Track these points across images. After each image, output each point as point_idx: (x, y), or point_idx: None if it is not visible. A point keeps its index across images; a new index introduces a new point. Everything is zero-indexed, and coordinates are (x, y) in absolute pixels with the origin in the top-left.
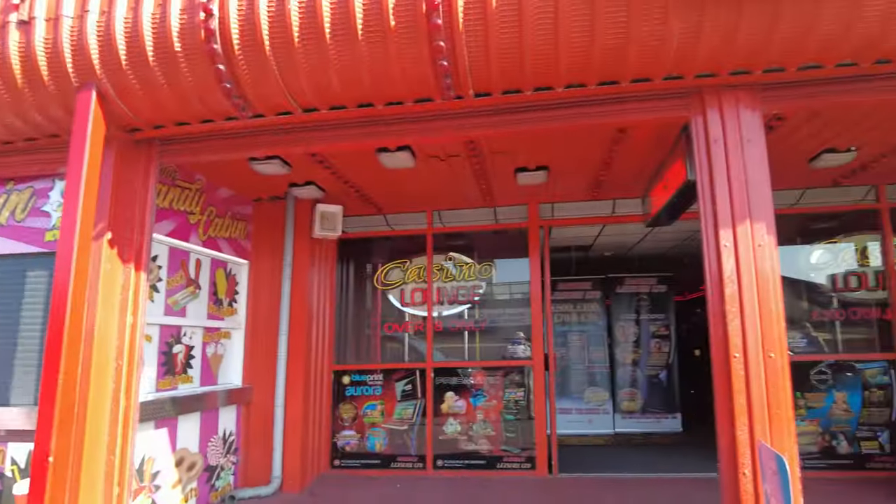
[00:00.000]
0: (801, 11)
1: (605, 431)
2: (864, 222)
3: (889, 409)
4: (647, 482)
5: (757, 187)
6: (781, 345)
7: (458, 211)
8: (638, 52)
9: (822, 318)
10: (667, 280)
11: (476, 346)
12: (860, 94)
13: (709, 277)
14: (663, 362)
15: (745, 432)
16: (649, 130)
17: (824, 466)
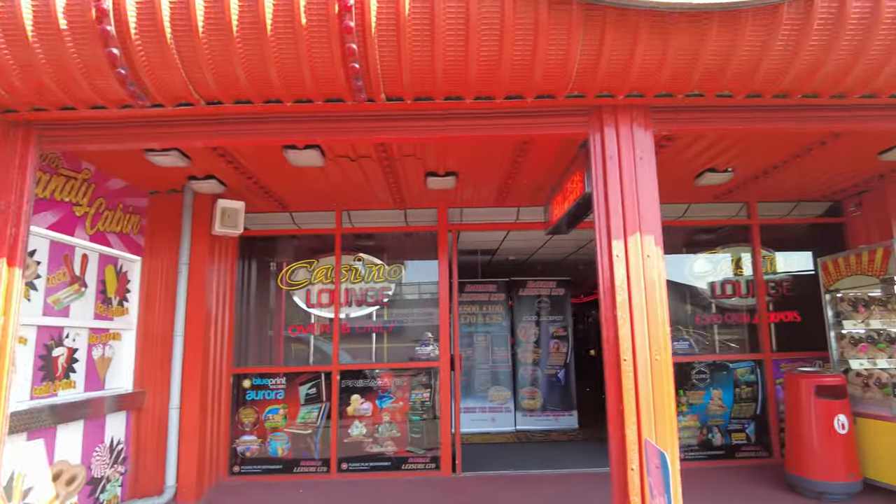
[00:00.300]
0: (687, 45)
1: (508, 429)
2: (738, 236)
3: (755, 403)
4: (546, 478)
5: (647, 202)
6: (666, 348)
7: (369, 211)
8: (543, 70)
9: (703, 322)
10: (565, 283)
11: (384, 348)
12: (735, 122)
13: (602, 285)
14: (562, 362)
15: (633, 430)
16: (552, 144)
17: (703, 457)
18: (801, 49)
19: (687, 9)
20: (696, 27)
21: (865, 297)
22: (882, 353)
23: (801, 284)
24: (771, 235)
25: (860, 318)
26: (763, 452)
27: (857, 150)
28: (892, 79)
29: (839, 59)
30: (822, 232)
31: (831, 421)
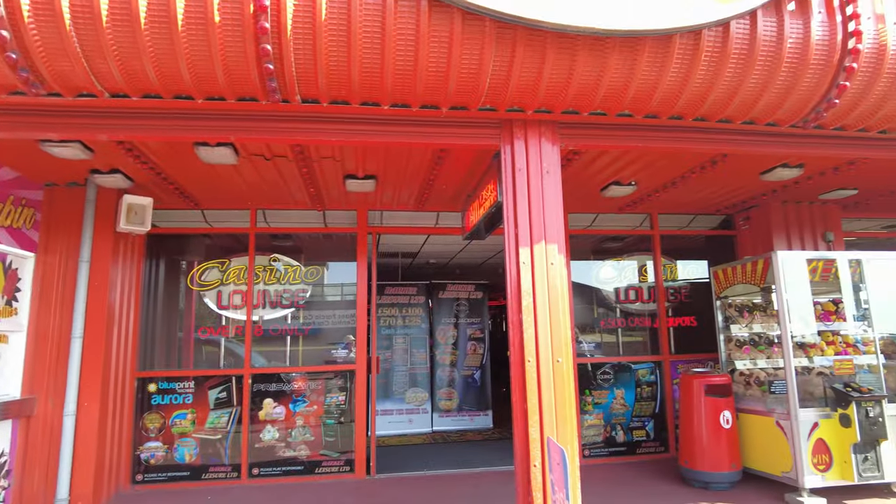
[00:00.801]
0: (591, 67)
1: (424, 430)
2: (642, 245)
3: (654, 402)
4: (460, 477)
5: (552, 213)
6: (568, 351)
7: (286, 211)
8: (457, 82)
9: (608, 325)
10: (483, 287)
11: (299, 351)
12: (635, 140)
13: (510, 290)
14: (478, 363)
15: (536, 429)
16: (468, 153)
17: (607, 454)
18: (691, 77)
19: (591, 33)
20: (600, 50)
21: (749, 304)
22: (761, 354)
23: (696, 291)
24: (671, 245)
25: (745, 322)
26: (661, 448)
27: (743, 170)
28: (767, 109)
29: (724, 89)
30: (716, 243)
31: (718, 417)
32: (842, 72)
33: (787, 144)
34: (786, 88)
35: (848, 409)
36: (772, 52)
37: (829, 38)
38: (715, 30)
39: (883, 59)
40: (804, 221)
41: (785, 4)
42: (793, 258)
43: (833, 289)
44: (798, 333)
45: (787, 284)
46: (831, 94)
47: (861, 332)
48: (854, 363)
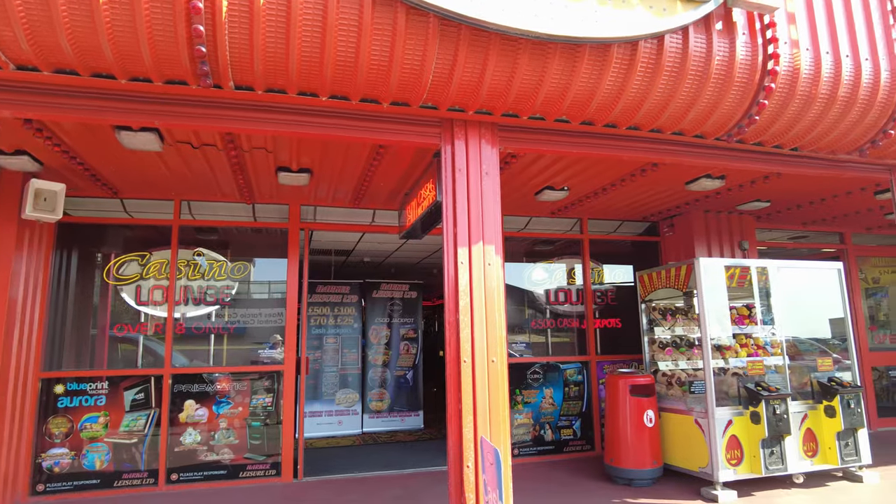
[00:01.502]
0: (532, 71)
1: (354, 432)
2: (572, 248)
3: (581, 401)
4: (390, 479)
5: (490, 214)
6: (502, 351)
7: (213, 203)
8: (399, 77)
9: (538, 325)
10: (417, 287)
11: (223, 350)
12: (571, 146)
13: (447, 290)
14: (411, 363)
15: (470, 429)
16: (408, 150)
17: (535, 453)
18: (627, 87)
19: (533, 37)
20: (541, 55)
21: (672, 307)
22: (682, 355)
23: (622, 294)
24: (599, 249)
25: (667, 325)
26: (587, 446)
27: (670, 179)
28: (695, 121)
29: (657, 100)
30: (641, 248)
31: (641, 416)
32: (762, 91)
33: (712, 156)
34: (713, 103)
35: (758, 408)
36: (701, 68)
37: (752, 59)
38: (651, 42)
39: (796, 82)
40: (723, 230)
41: (713, 24)
42: (712, 265)
43: (747, 294)
44: (716, 336)
45: (707, 290)
46: (752, 111)
47: (770, 334)
48: (764, 364)
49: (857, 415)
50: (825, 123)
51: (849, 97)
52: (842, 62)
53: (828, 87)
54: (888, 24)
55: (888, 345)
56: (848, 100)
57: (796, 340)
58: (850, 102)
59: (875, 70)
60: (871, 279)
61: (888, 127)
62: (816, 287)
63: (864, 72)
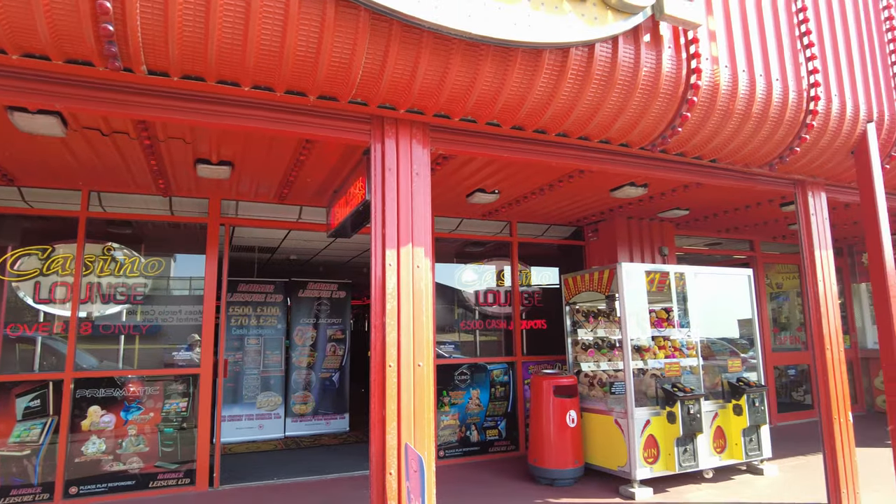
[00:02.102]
0: (464, 72)
1: (276, 436)
2: (501, 251)
3: (507, 402)
4: (312, 485)
5: (420, 216)
6: (429, 356)
7: (125, 195)
8: (327, 70)
9: (467, 326)
10: (346, 286)
11: (134, 351)
12: (502, 150)
13: (374, 292)
14: (337, 365)
15: (394, 436)
16: (337, 146)
17: (461, 454)
18: (557, 93)
19: (466, 37)
20: (474, 56)
21: (595, 310)
22: (604, 357)
23: (548, 296)
24: (528, 252)
25: (590, 327)
26: (512, 447)
27: (596, 186)
28: (622, 130)
29: (586, 107)
30: (567, 252)
31: (564, 416)
32: (685, 103)
33: (636, 165)
34: (639, 112)
35: (674, 407)
36: (629, 78)
37: (676, 72)
38: (582, 50)
39: (716, 97)
40: (644, 236)
41: (642, 36)
42: (634, 269)
43: (666, 298)
44: (635, 338)
45: (628, 293)
46: (675, 123)
47: (686, 336)
48: (680, 365)
49: (761, 412)
50: (741, 138)
51: (761, 114)
52: (756, 81)
53: (743, 103)
54: (796, 49)
55: (788, 345)
56: (760, 116)
57: (709, 341)
58: (762, 119)
59: (784, 90)
60: (776, 284)
61: (794, 144)
62: (728, 291)
63: (775, 91)
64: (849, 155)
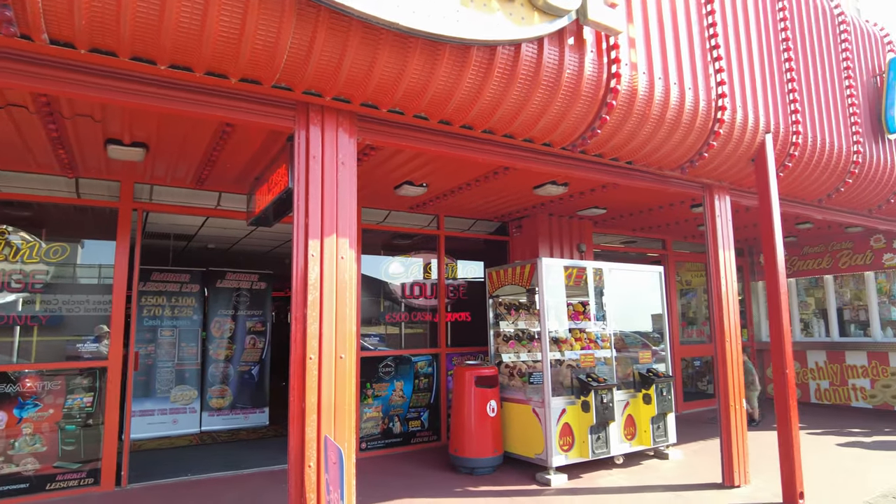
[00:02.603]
0: (393, 63)
1: (191, 431)
2: (429, 244)
3: (430, 393)
4: (229, 480)
5: (346, 206)
6: (352, 348)
7: (24, 174)
8: (251, 53)
9: (393, 318)
10: (267, 277)
11: (32, 343)
12: (429, 144)
13: (295, 283)
14: (257, 358)
15: (313, 429)
16: (260, 132)
17: (383, 445)
18: (484, 90)
19: (395, 28)
20: (402, 48)
21: (516, 303)
22: (524, 348)
23: (473, 289)
24: (454, 246)
25: (512, 319)
26: (434, 437)
27: (520, 183)
28: (545, 130)
29: (511, 106)
30: (492, 246)
31: (485, 406)
32: (604, 106)
33: (558, 164)
34: (561, 113)
35: (588, 397)
36: (553, 79)
37: (598, 75)
38: (508, 49)
39: (634, 101)
40: (564, 233)
41: (566, 38)
42: (554, 264)
43: (583, 292)
44: (554, 330)
45: (548, 287)
46: (595, 125)
47: (601, 329)
48: (595, 357)
49: (668, 401)
50: (655, 141)
51: (675, 120)
52: (671, 88)
53: (659, 108)
54: (707, 61)
55: (694, 338)
56: (674, 122)
57: (623, 334)
58: (675, 125)
59: (696, 99)
60: (685, 281)
61: (703, 150)
62: (641, 287)
63: (688, 99)
64: (749, 162)
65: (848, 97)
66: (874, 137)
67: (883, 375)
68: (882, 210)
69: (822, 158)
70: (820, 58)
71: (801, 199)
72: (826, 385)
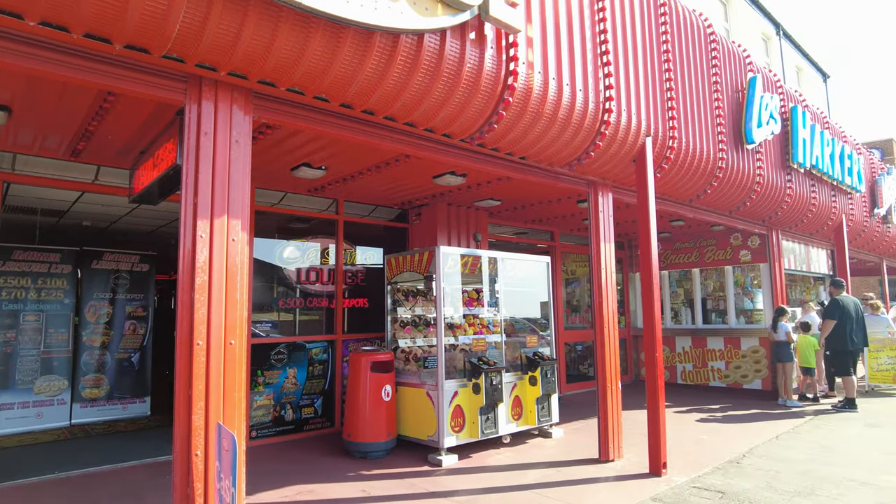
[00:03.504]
0: (293, 41)
1: (60, 424)
2: (326, 229)
3: (325, 380)
4: (106, 475)
5: (238, 186)
6: (242, 333)
7: None
8: (139, 19)
9: (287, 304)
10: (150, 259)
11: None
12: (329, 126)
13: (182, 265)
14: (137, 344)
15: (201, 416)
16: (146, 104)
17: (275, 433)
18: (386, 76)
19: (296, 7)
20: (304, 27)
21: (414, 289)
22: (420, 334)
23: (371, 276)
24: (353, 231)
25: (409, 305)
26: (328, 423)
27: (420, 172)
28: (445, 120)
29: (413, 94)
30: (392, 233)
31: (380, 391)
32: (501, 102)
33: (457, 156)
34: (461, 105)
35: (479, 379)
36: (454, 71)
37: (497, 71)
38: (412, 38)
39: (529, 99)
40: (461, 222)
41: (468, 32)
42: (451, 252)
43: (477, 280)
44: (449, 316)
45: (445, 274)
46: (493, 119)
47: (493, 315)
48: (486, 341)
49: (552, 382)
50: (547, 139)
51: (565, 119)
52: (563, 89)
53: (552, 107)
54: (597, 65)
55: (577, 325)
56: (565, 121)
57: (513, 320)
58: (566, 124)
59: (585, 100)
60: (570, 271)
61: (590, 149)
62: (531, 276)
63: (578, 100)
64: (631, 163)
65: (716, 108)
66: (735, 147)
67: (735, 358)
68: (740, 211)
69: (693, 162)
70: (695, 71)
71: (675, 199)
72: (690, 367)
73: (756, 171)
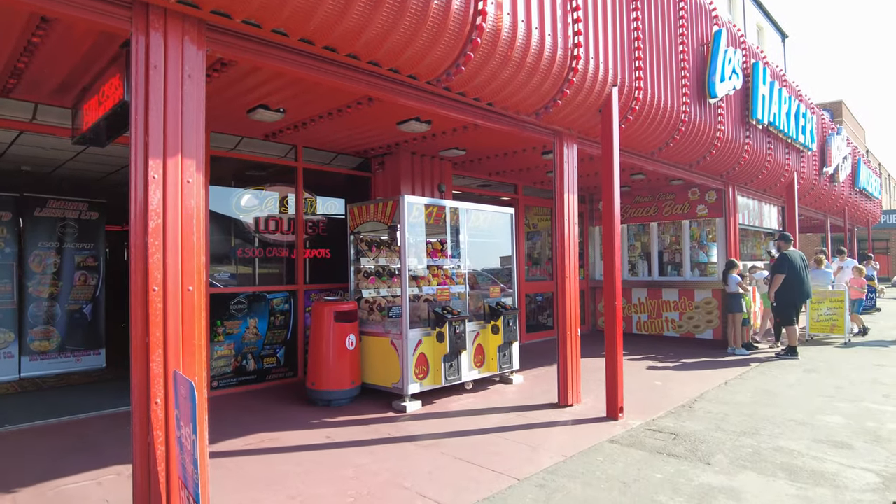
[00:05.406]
0: None
1: (8, 378)
2: (285, 176)
3: (286, 330)
4: (60, 427)
5: (192, 124)
6: (200, 279)
7: None
8: None
9: (245, 255)
10: (100, 207)
11: None
12: (288, 63)
13: (133, 209)
14: (89, 296)
15: (159, 364)
16: (88, 32)
17: (236, 383)
18: (349, 10)
19: None
20: None
21: (378, 240)
22: (384, 284)
23: (333, 226)
24: (314, 180)
25: (373, 256)
26: (290, 373)
27: (384, 117)
28: (411, 60)
29: (377, 30)
30: (354, 182)
31: (344, 340)
32: (469, 42)
33: (422, 100)
34: (428, 44)
35: (443, 328)
36: (421, 8)
37: (464, 11)
38: None
39: (497, 41)
40: (426, 172)
41: None
42: (415, 202)
43: (441, 231)
44: (413, 267)
45: (409, 225)
46: (460, 61)
47: (456, 267)
48: (450, 292)
49: (514, 331)
50: (515, 84)
51: (534, 64)
52: (532, 32)
53: (520, 51)
54: (566, 10)
55: (538, 276)
56: (533, 66)
57: (476, 272)
58: (534, 69)
59: (554, 45)
60: (532, 224)
61: (557, 97)
62: (494, 228)
63: (547, 45)
64: (597, 113)
65: (681, 61)
66: (699, 100)
67: (689, 309)
68: (700, 165)
69: (658, 114)
70: (662, 22)
71: (638, 151)
72: (645, 318)
73: (717, 125)
